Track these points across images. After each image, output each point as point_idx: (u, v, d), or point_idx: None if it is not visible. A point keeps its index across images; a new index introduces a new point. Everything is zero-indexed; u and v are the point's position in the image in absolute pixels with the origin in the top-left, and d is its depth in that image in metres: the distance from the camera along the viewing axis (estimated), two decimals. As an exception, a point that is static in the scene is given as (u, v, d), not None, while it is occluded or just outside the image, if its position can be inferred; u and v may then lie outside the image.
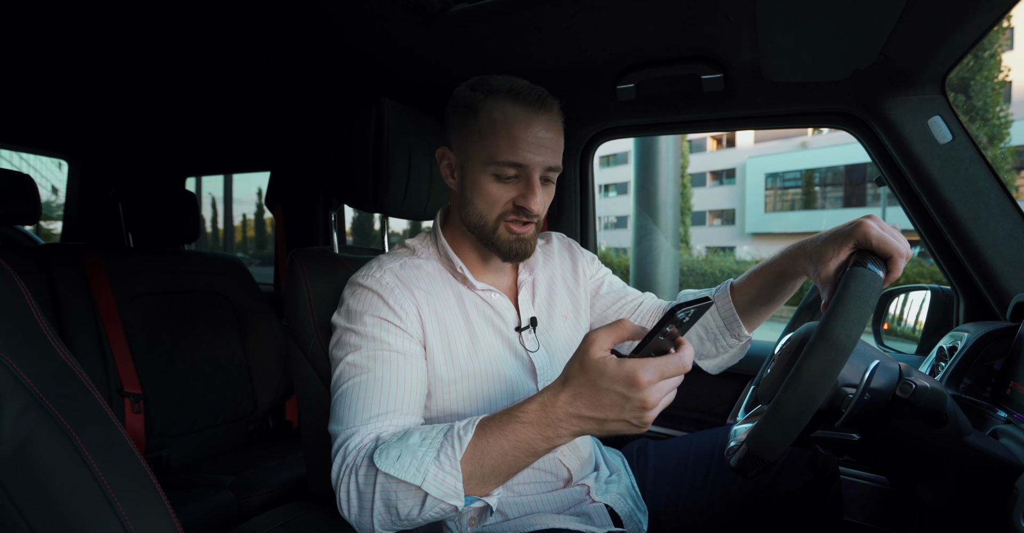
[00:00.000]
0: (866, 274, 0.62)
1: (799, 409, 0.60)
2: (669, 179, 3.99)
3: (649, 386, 0.55)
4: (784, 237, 21.28)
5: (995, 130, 11.37)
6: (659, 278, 4.07)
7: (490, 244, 0.84)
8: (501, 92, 0.79)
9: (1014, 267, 0.95)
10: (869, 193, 19.14)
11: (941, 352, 0.98)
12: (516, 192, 0.80)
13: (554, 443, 0.61)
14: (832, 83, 1.02)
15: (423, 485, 0.61)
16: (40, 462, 0.46)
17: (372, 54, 1.23)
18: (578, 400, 0.59)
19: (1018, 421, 0.77)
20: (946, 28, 0.81)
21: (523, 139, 0.77)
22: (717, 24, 0.95)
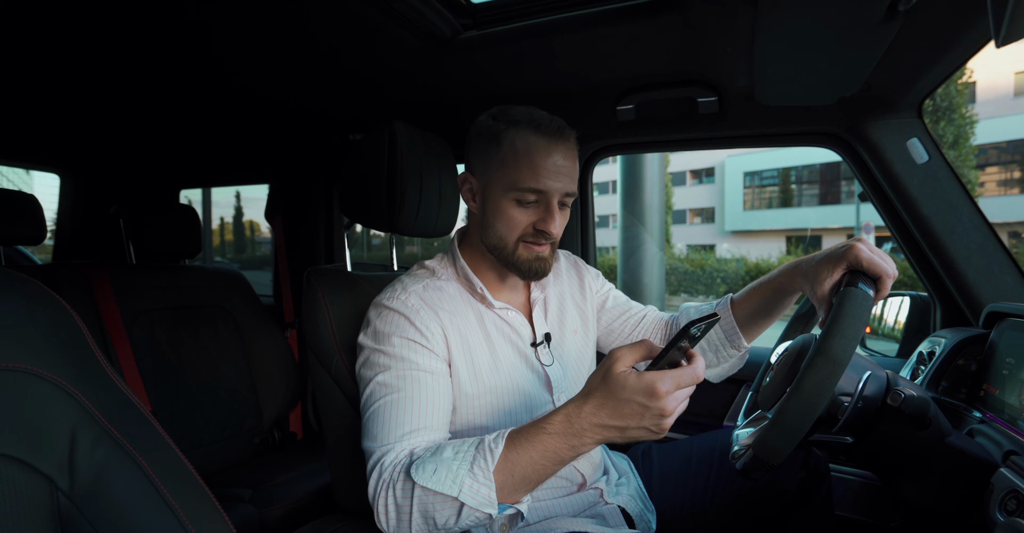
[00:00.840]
0: (859, 294, 0.68)
1: (801, 417, 0.67)
2: (655, 182, 4.10)
3: (667, 396, 0.61)
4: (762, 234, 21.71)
5: (960, 130, 11.79)
6: (645, 280, 4.17)
7: (510, 264, 0.89)
8: (523, 123, 0.84)
9: (985, 278, 1.04)
10: (843, 191, 19.64)
11: (921, 356, 1.06)
12: (536, 216, 0.85)
13: (579, 451, 0.66)
14: (820, 107, 1.10)
15: (460, 496, 0.66)
16: (116, 490, 0.49)
17: (381, 76, 1.26)
18: (602, 411, 0.64)
19: (991, 421, 0.84)
20: (925, 63, 0.89)
21: (544, 167, 0.82)
22: (715, 54, 1.01)
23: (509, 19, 1.08)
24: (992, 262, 1.04)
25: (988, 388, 0.89)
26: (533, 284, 0.99)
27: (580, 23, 1.03)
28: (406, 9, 0.98)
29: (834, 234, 19.74)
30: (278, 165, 1.93)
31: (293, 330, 1.87)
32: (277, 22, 1.03)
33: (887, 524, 1.10)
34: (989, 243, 1.04)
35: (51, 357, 0.50)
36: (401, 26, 1.04)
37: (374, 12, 0.98)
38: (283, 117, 1.62)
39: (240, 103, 1.50)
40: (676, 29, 0.97)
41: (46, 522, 0.47)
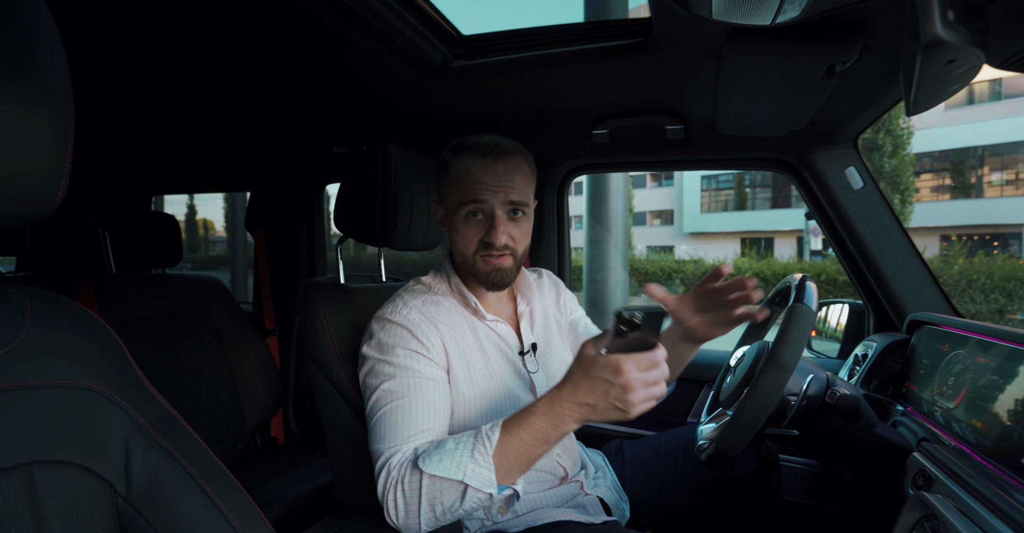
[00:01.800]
0: (803, 310, 0.81)
1: (756, 415, 0.79)
2: (619, 189, 4.25)
3: (628, 373, 0.69)
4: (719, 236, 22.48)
5: (898, 140, 12.59)
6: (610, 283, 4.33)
7: (473, 276, 0.98)
8: (465, 149, 0.93)
9: (909, 290, 1.20)
10: (794, 195, 20.58)
11: (856, 358, 1.22)
12: (484, 230, 0.94)
13: (560, 430, 0.75)
14: (772, 138, 1.24)
15: (464, 478, 0.74)
16: (168, 492, 0.56)
17: (371, 98, 1.33)
18: (576, 390, 0.73)
19: (911, 413, 0.99)
20: (858, 107, 1.04)
21: (481, 181, 0.90)
22: (682, 90, 1.13)
23: (496, 52, 1.17)
24: (915, 276, 1.20)
25: (909, 385, 1.05)
26: (519, 297, 1.08)
27: (561, 59, 1.13)
28: (403, 40, 1.06)
29: (785, 236, 20.66)
30: (260, 174, 1.95)
31: (274, 337, 1.90)
32: (268, 38, 1.07)
33: (827, 506, 1.25)
34: (913, 260, 1.21)
35: (102, 374, 0.56)
36: (396, 55, 1.11)
37: (371, 42, 1.05)
38: (266, 127, 1.65)
39: (223, 111, 1.52)
40: (648, 68, 1.09)
41: (108, 522, 0.53)
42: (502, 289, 1.00)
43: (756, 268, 11.35)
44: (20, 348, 0.50)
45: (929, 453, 0.78)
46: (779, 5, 0.62)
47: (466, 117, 1.42)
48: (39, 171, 0.46)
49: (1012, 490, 0.63)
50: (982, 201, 17.50)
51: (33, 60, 0.44)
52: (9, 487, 0.47)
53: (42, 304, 0.55)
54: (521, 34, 1.16)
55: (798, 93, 0.91)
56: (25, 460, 0.48)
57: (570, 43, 1.12)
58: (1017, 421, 0.70)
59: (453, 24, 1.15)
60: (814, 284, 0.87)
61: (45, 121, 0.45)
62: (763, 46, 0.77)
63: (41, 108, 0.44)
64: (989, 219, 16.96)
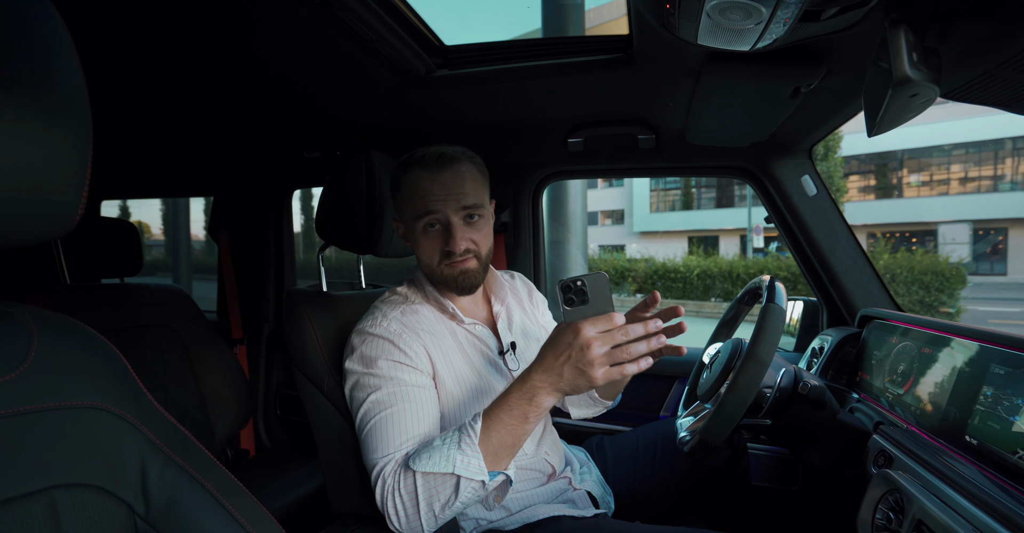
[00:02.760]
0: (776, 309, 0.88)
1: (738, 407, 0.85)
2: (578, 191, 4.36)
3: (584, 331, 0.71)
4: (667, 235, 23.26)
5: (829, 143, 13.43)
6: (570, 279, 4.41)
7: (442, 283, 1.00)
8: (412, 164, 0.95)
9: (858, 288, 1.32)
10: (736, 195, 21.57)
11: (813, 351, 1.32)
12: (443, 239, 0.96)
13: (536, 403, 0.77)
14: (737, 148, 1.33)
15: (455, 470, 0.76)
16: (188, 510, 0.55)
17: (350, 105, 1.33)
18: (543, 360, 0.76)
19: (864, 400, 1.10)
20: (815, 122, 1.13)
21: (431, 192, 0.92)
22: (655, 103, 1.20)
23: (477, 63, 1.20)
24: (862, 275, 1.32)
25: (862, 375, 1.15)
26: (493, 299, 1.11)
27: (540, 71, 1.17)
28: (389, 50, 1.07)
29: (729, 235, 21.62)
30: (224, 178, 1.89)
31: (242, 347, 1.85)
32: (247, 42, 1.05)
33: (790, 488, 1.35)
34: (861, 260, 1.33)
35: (112, 392, 0.55)
36: (381, 64, 1.12)
37: (358, 51, 1.06)
38: (232, 130, 1.60)
39: (187, 112, 1.47)
40: (624, 82, 1.14)
41: None
42: (472, 291, 1.02)
43: (704, 265, 11.83)
44: (31, 370, 0.50)
45: (887, 435, 0.87)
46: (759, 35, 0.68)
47: (444, 125, 1.44)
48: (61, 190, 0.46)
49: (958, 464, 0.72)
50: (902, 201, 18.96)
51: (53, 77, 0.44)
52: (32, 513, 0.46)
53: (46, 323, 0.54)
54: (502, 46, 1.20)
55: (766, 109, 1.00)
56: (45, 485, 0.47)
57: (549, 56, 1.17)
58: (958, 403, 0.80)
59: (437, 34, 1.17)
60: (782, 285, 0.95)
61: (66, 138, 0.45)
62: (739, 68, 0.84)
63: (62, 125, 0.44)
64: (908, 217, 18.41)
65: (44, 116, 0.42)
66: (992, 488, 0.64)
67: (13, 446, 0.46)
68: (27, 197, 0.43)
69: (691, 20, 0.68)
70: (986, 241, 17.36)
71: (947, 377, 0.85)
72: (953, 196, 18.22)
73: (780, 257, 13.07)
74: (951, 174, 18.46)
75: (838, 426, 0.95)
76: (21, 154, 0.41)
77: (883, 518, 0.72)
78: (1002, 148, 17.55)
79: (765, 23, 0.65)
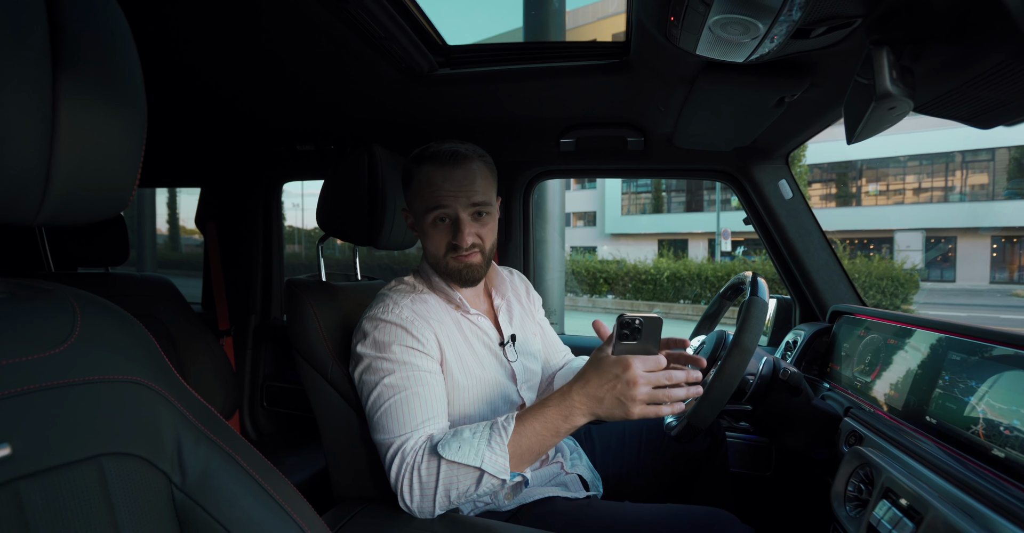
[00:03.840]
0: (759, 302, 0.95)
1: (724, 392, 0.92)
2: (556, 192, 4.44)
3: (634, 369, 0.78)
4: (638, 238, 23.65)
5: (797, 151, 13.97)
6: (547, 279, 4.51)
7: (447, 275, 1.05)
8: (425, 159, 0.99)
9: (829, 286, 1.41)
10: (705, 200, 22.10)
11: (787, 344, 1.41)
12: (451, 233, 1.00)
13: (570, 422, 0.82)
14: (720, 152, 1.41)
15: (482, 465, 0.81)
16: (221, 481, 0.58)
17: (350, 99, 1.35)
18: (587, 384, 0.81)
19: (834, 388, 1.18)
20: (795, 130, 1.22)
21: (442, 188, 0.96)
22: (646, 107, 1.26)
23: (478, 63, 1.24)
24: (832, 274, 1.42)
25: (833, 365, 1.24)
26: (494, 292, 1.16)
27: (538, 74, 1.22)
28: (396, 47, 1.10)
29: (698, 238, 22.13)
30: (212, 169, 1.87)
31: (228, 338, 1.84)
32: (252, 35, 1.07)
33: (764, 474, 1.44)
34: (831, 260, 1.42)
35: (148, 369, 0.58)
36: (386, 61, 1.15)
37: (366, 48, 1.09)
38: (225, 120, 1.60)
39: (179, 101, 1.47)
40: (618, 87, 1.21)
41: (167, 511, 0.55)
42: (475, 284, 1.07)
43: (674, 268, 12.10)
44: (77, 344, 0.52)
45: (857, 417, 0.95)
46: (754, 48, 0.75)
47: (442, 121, 1.48)
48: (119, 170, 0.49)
49: (921, 440, 0.80)
50: (861, 209, 19.78)
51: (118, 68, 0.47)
52: (85, 479, 0.49)
53: (86, 301, 0.56)
54: (502, 48, 1.24)
55: (752, 116, 1.07)
56: (95, 453, 0.50)
57: (547, 59, 1.22)
58: (919, 388, 0.89)
59: (440, 33, 1.20)
60: (764, 280, 1.03)
61: (125, 123, 0.48)
62: (732, 77, 0.91)
63: (123, 111, 0.47)
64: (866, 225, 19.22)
65: (109, 103, 0.45)
66: (950, 459, 0.72)
67: (64, 415, 0.48)
68: (91, 176, 0.46)
69: (693, 33, 0.74)
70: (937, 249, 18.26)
71: (910, 365, 0.94)
72: (908, 205, 19.12)
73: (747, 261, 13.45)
74: (906, 184, 19.37)
75: (813, 411, 1.03)
76: (89, 137, 0.44)
77: (854, 490, 0.80)
78: (952, 161, 18.51)
79: (761, 38, 0.71)
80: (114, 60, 0.47)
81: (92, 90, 0.44)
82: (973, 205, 18.12)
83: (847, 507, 0.80)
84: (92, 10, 0.45)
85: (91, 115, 0.44)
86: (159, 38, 1.11)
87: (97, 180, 0.46)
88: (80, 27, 0.43)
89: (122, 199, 0.50)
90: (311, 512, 0.65)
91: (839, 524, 0.81)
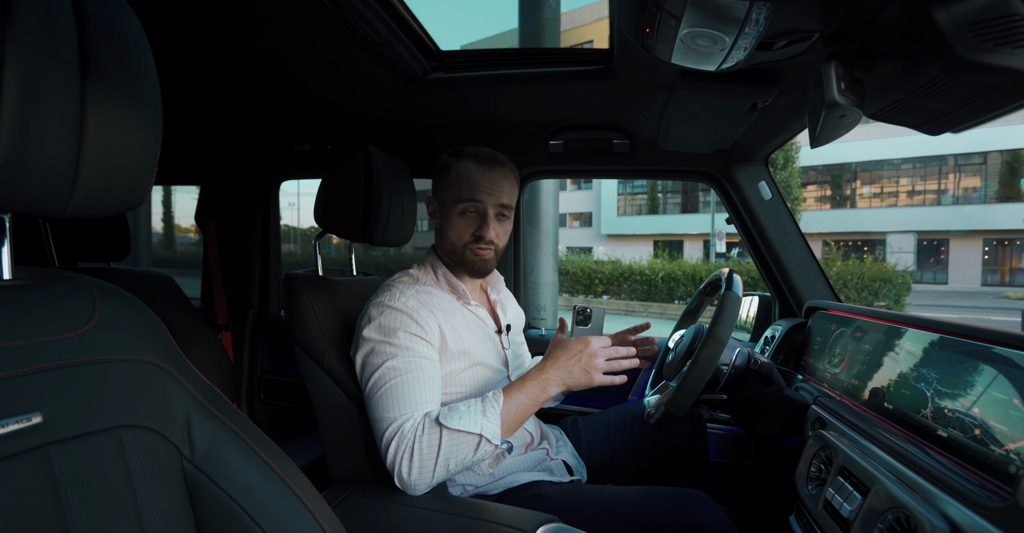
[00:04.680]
0: (733, 296, 1.01)
1: (698, 380, 0.98)
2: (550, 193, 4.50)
3: (593, 344, 0.97)
4: (634, 238, 23.75)
5: (789, 154, 14.05)
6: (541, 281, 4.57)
7: (460, 264, 1.11)
8: (466, 155, 1.09)
9: (806, 283, 1.48)
10: (701, 201, 22.22)
11: (766, 339, 1.47)
12: (476, 225, 1.08)
13: (546, 391, 0.98)
14: (702, 154, 1.47)
15: (482, 432, 0.90)
16: (227, 455, 0.63)
17: (346, 101, 1.40)
18: (557, 360, 0.98)
19: (808, 379, 1.24)
20: (771, 133, 1.28)
21: (479, 183, 1.06)
22: (631, 111, 1.32)
23: (470, 67, 1.29)
24: (809, 272, 1.48)
25: (807, 358, 1.30)
26: (489, 288, 1.23)
27: (527, 78, 1.28)
28: (392, 53, 1.15)
29: (693, 239, 22.23)
30: (211, 167, 1.92)
31: (227, 332, 1.89)
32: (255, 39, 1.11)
33: (743, 463, 1.50)
34: (809, 258, 1.48)
35: (161, 350, 0.63)
36: (381, 66, 1.21)
37: (362, 53, 1.14)
38: (226, 120, 1.65)
39: (180, 100, 1.51)
40: (603, 92, 1.26)
41: (178, 481, 0.60)
42: (483, 276, 1.16)
43: (668, 269, 12.19)
44: (97, 326, 0.57)
45: (824, 405, 1.01)
46: (723, 58, 0.81)
47: (435, 123, 1.53)
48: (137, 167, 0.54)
49: (878, 424, 0.86)
50: (855, 211, 19.92)
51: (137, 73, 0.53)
52: (106, 447, 0.54)
53: (104, 289, 0.62)
54: (493, 53, 1.30)
55: (728, 121, 1.13)
56: (114, 424, 0.55)
57: (536, 65, 1.28)
58: (880, 376, 0.95)
59: (433, 39, 1.26)
60: (739, 276, 1.09)
61: (143, 124, 0.53)
62: (706, 85, 0.97)
63: (141, 112, 0.52)
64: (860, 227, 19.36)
65: (129, 106, 0.51)
66: (901, 441, 0.78)
67: (87, 389, 0.54)
68: (113, 173, 0.51)
69: (667, 43, 0.80)
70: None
71: (872, 356, 1.00)
72: (901, 208, 19.28)
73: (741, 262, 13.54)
74: (899, 187, 19.53)
75: (783, 399, 1.09)
76: (111, 137, 0.50)
77: (816, 470, 0.86)
78: (945, 164, 18.69)
79: (728, 49, 0.77)
80: (133, 67, 0.52)
81: (115, 95, 0.49)
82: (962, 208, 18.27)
83: (809, 486, 0.86)
84: (115, 22, 0.51)
85: (113, 118, 0.49)
86: (164, 42, 1.16)
87: (119, 176, 0.52)
88: (104, 39, 0.49)
89: (141, 194, 0.56)
90: (308, 484, 0.70)
91: (802, 502, 0.86)
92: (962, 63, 0.58)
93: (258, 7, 0.99)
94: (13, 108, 0.41)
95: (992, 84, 0.59)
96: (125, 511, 0.53)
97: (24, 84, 0.41)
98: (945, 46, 0.58)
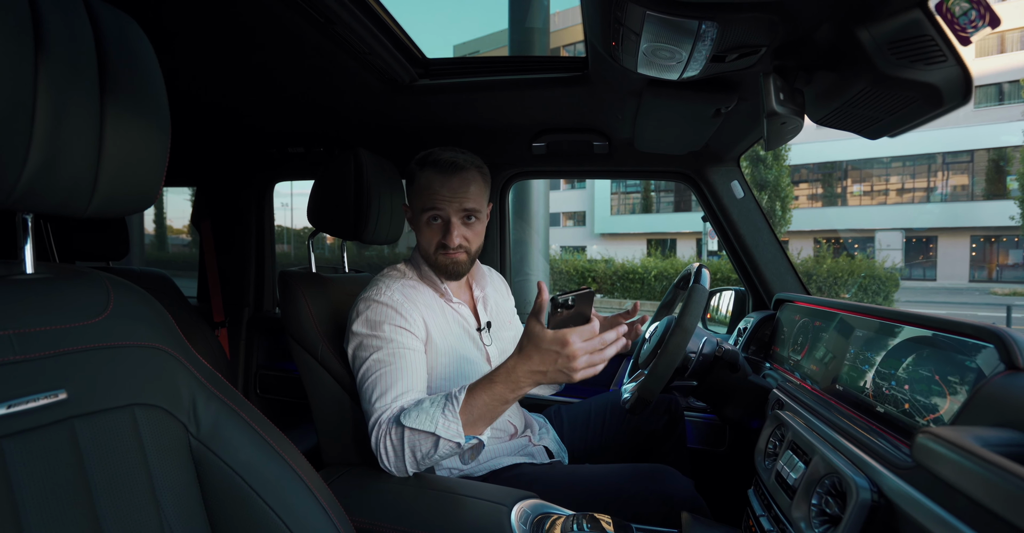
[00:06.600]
0: (700, 289, 1.09)
1: (667, 367, 1.05)
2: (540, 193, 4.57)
3: (573, 344, 0.83)
4: (627, 237, 23.85)
5: (778, 153, 14.20)
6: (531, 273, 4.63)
7: (434, 267, 1.18)
8: (428, 163, 1.12)
9: (776, 277, 1.55)
10: (693, 200, 22.34)
11: (739, 331, 1.55)
12: (441, 233, 1.13)
13: (517, 392, 0.89)
14: (676, 155, 1.54)
15: (436, 431, 0.90)
16: (230, 432, 0.70)
17: (336, 106, 1.47)
18: (529, 361, 0.86)
19: (776, 368, 1.32)
20: (738, 136, 1.36)
21: (439, 193, 1.09)
22: (608, 115, 1.39)
23: (455, 74, 1.36)
24: (779, 266, 1.56)
25: (774, 348, 1.38)
26: (474, 285, 1.29)
27: (510, 84, 1.35)
28: (379, 61, 1.22)
29: (686, 238, 22.37)
30: (207, 169, 1.98)
31: (223, 329, 1.95)
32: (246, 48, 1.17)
33: (718, 450, 1.57)
34: (779, 254, 1.56)
35: (168, 338, 0.69)
36: (370, 73, 1.27)
37: (351, 61, 1.21)
38: (221, 124, 1.71)
39: (178, 106, 1.57)
40: (582, 97, 1.34)
41: (185, 455, 0.67)
42: (458, 278, 1.21)
43: (661, 267, 12.30)
44: (112, 315, 0.64)
45: (784, 389, 1.09)
46: (683, 69, 0.88)
47: (423, 127, 1.60)
48: (148, 172, 0.61)
49: (828, 406, 0.94)
50: (846, 209, 20.11)
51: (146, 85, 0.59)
52: (122, 422, 0.61)
53: (116, 282, 0.68)
54: (477, 60, 1.37)
55: (695, 125, 1.21)
56: (129, 402, 0.62)
57: (518, 71, 1.35)
58: (833, 361, 1.02)
59: (419, 47, 1.33)
60: (707, 269, 1.16)
61: (153, 132, 0.60)
62: (671, 92, 1.04)
63: (151, 121, 0.59)
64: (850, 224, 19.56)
65: (141, 117, 0.57)
66: (846, 417, 0.85)
67: (105, 370, 0.60)
68: (128, 177, 0.58)
69: (631, 55, 0.87)
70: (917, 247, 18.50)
71: (828, 342, 1.08)
72: (891, 206, 19.49)
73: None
74: (889, 185, 19.74)
75: (748, 385, 1.17)
76: (126, 146, 0.56)
77: (772, 447, 0.93)
78: (934, 162, 18.91)
79: (685, 61, 0.84)
80: (145, 83, 0.59)
81: (129, 110, 0.56)
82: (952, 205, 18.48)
83: (766, 462, 0.93)
84: (128, 42, 0.57)
85: (128, 130, 0.56)
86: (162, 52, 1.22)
87: (132, 181, 0.58)
88: (120, 59, 0.55)
89: (152, 196, 0.62)
90: (304, 460, 0.77)
91: (759, 476, 0.94)
92: (883, 77, 0.66)
93: (253, 22, 1.05)
94: (44, 127, 0.48)
95: (910, 96, 0.66)
96: (140, 478, 0.60)
97: (53, 105, 0.48)
98: (869, 62, 0.66)
